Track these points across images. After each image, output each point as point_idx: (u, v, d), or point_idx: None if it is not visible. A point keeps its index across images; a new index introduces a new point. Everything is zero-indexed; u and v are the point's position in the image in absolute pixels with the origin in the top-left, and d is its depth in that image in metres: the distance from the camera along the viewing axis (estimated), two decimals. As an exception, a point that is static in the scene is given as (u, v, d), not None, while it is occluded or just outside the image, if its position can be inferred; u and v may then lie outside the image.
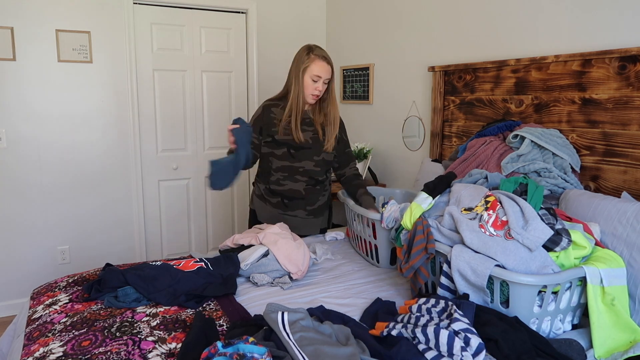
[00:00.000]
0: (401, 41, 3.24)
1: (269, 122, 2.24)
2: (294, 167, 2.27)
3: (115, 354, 1.32)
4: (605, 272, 1.42)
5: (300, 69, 2.16)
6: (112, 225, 3.46)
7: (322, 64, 2.16)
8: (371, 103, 3.57)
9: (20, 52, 3.04)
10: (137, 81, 3.42)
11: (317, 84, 2.17)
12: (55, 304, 1.66)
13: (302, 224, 2.38)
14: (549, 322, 1.45)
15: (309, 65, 2.15)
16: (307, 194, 2.32)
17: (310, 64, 2.15)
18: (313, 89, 2.18)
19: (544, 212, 1.54)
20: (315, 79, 2.16)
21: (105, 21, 3.24)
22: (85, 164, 3.32)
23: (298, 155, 2.26)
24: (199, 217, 3.81)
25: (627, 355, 1.34)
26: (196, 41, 3.60)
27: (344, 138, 2.40)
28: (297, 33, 3.96)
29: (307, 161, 2.27)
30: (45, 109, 3.16)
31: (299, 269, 1.87)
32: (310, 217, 2.38)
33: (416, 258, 1.62)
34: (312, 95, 2.19)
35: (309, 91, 2.18)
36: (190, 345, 1.30)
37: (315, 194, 2.35)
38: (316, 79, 2.16)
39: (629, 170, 1.97)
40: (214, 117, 3.75)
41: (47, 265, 3.28)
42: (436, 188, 1.80)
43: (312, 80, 2.16)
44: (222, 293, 1.71)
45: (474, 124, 2.65)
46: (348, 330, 1.32)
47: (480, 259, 1.45)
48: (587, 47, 2.11)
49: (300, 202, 2.33)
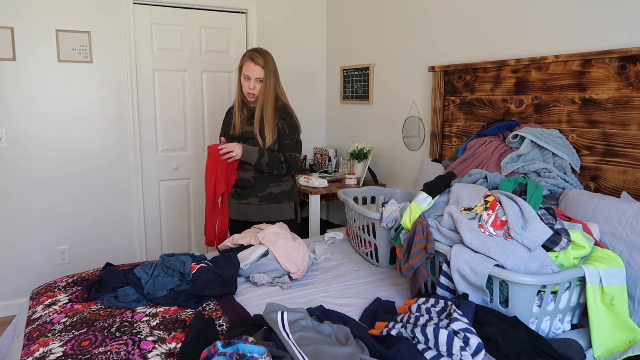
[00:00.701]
0: (401, 41, 3.24)
1: (228, 123, 2.52)
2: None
3: (115, 354, 1.32)
4: (604, 272, 1.42)
5: (238, 69, 2.42)
6: (112, 225, 3.46)
7: (250, 64, 2.35)
8: (371, 103, 3.57)
9: (20, 52, 3.04)
10: (137, 81, 3.42)
11: (250, 83, 2.36)
12: (55, 304, 1.67)
13: (255, 210, 2.48)
14: (548, 321, 1.45)
15: (242, 65, 2.38)
16: (256, 182, 2.45)
17: (242, 64, 2.38)
18: (247, 87, 2.37)
19: (544, 212, 1.54)
20: (246, 77, 2.36)
21: (105, 21, 3.24)
22: (85, 164, 3.32)
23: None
24: (199, 217, 3.81)
25: (626, 355, 1.34)
26: (196, 41, 3.60)
27: (286, 130, 2.43)
28: (297, 33, 3.96)
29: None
30: (46, 109, 3.16)
31: (299, 269, 1.87)
32: (263, 204, 2.47)
33: (416, 258, 1.62)
34: (247, 93, 2.39)
35: (245, 90, 2.39)
36: (190, 345, 1.30)
37: (264, 181, 2.46)
38: (247, 77, 2.36)
39: (629, 170, 1.97)
40: (214, 117, 3.75)
41: (46, 265, 3.29)
42: (436, 188, 1.81)
43: (245, 79, 2.37)
44: (222, 293, 1.71)
45: (474, 124, 2.65)
46: (348, 330, 1.33)
47: (479, 258, 1.45)
48: (587, 47, 2.11)
49: (251, 190, 2.46)
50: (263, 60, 2.34)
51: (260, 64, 2.34)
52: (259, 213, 2.48)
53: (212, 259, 1.91)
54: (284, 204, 2.48)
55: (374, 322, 1.48)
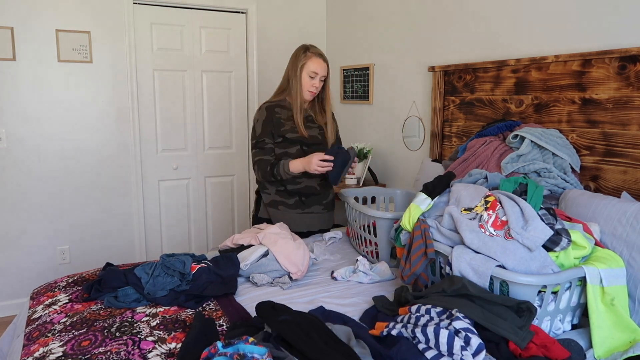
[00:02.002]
0: (401, 41, 3.24)
1: (277, 123, 2.28)
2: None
3: (115, 354, 1.32)
4: (605, 272, 1.42)
5: (297, 67, 2.23)
6: (112, 225, 3.46)
7: (319, 60, 2.23)
8: (371, 103, 3.57)
9: (20, 52, 3.04)
10: (137, 81, 3.42)
11: (314, 81, 2.24)
12: (55, 304, 1.66)
13: (318, 219, 2.41)
14: (549, 322, 1.45)
15: (305, 63, 2.22)
16: (321, 189, 2.37)
17: (307, 61, 2.22)
18: (310, 85, 2.24)
19: (544, 212, 1.54)
20: (313, 75, 2.23)
21: (105, 21, 3.24)
22: (85, 164, 3.32)
23: (310, 151, 2.29)
24: (199, 217, 3.81)
25: (627, 355, 1.34)
26: (196, 41, 3.60)
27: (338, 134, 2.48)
28: (297, 33, 3.96)
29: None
30: (45, 109, 3.16)
31: (299, 269, 1.87)
32: (325, 212, 2.43)
33: (417, 265, 1.62)
34: (309, 91, 2.26)
35: (307, 88, 2.25)
36: (190, 345, 1.30)
37: (327, 188, 2.42)
38: (313, 76, 2.23)
39: (629, 170, 1.97)
40: (214, 117, 3.75)
41: (46, 265, 3.28)
42: (435, 189, 1.80)
43: (310, 77, 2.23)
44: (222, 293, 1.71)
45: (474, 124, 2.65)
46: (349, 329, 1.32)
47: (481, 259, 1.45)
48: (587, 47, 2.11)
49: (316, 197, 2.37)
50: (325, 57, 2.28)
51: (327, 61, 2.27)
52: (321, 222, 2.42)
53: (212, 259, 1.90)
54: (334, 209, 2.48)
55: (375, 322, 1.48)
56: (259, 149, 2.28)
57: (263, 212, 2.42)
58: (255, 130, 2.30)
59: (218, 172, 3.83)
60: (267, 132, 2.27)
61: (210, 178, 3.82)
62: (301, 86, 2.25)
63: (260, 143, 2.28)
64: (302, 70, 2.23)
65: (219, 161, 3.82)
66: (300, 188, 2.32)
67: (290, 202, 2.33)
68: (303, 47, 2.27)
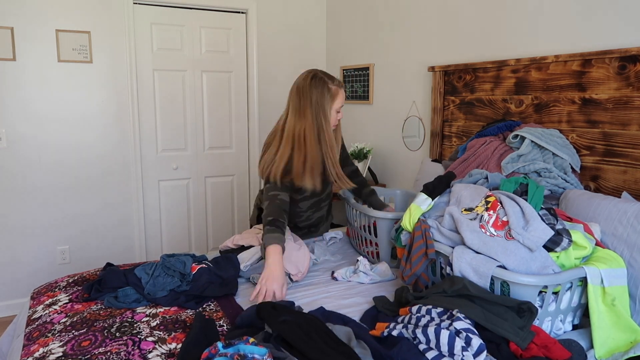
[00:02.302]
0: (401, 41, 3.24)
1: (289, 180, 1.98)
2: (320, 199, 2.21)
3: (115, 354, 1.32)
4: (605, 273, 1.42)
5: (327, 108, 1.90)
6: (112, 225, 3.46)
7: (342, 92, 1.97)
8: (371, 103, 3.57)
9: (20, 52, 3.04)
10: (137, 81, 3.42)
11: (340, 114, 1.99)
12: (55, 304, 1.66)
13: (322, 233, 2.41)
14: (550, 322, 1.45)
15: (334, 101, 1.93)
16: (328, 213, 2.36)
17: (335, 95, 1.93)
18: (335, 121, 1.97)
19: (545, 212, 1.54)
20: (339, 109, 1.97)
21: (105, 21, 3.24)
22: (85, 164, 3.32)
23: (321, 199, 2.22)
24: (199, 217, 3.81)
25: (628, 356, 1.34)
26: (196, 41, 3.59)
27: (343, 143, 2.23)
28: (297, 33, 3.95)
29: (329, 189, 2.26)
30: (45, 109, 3.16)
31: (299, 270, 1.87)
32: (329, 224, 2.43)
33: (417, 265, 1.62)
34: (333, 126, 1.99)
35: (334, 123, 1.98)
36: (190, 345, 1.30)
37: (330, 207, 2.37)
38: (339, 110, 1.97)
39: (629, 170, 1.96)
40: (214, 117, 3.74)
41: (47, 265, 3.28)
42: (435, 189, 1.80)
43: (336, 111, 1.96)
44: (222, 293, 1.71)
45: (474, 124, 2.65)
46: (349, 330, 1.32)
47: (482, 259, 1.45)
48: (587, 47, 2.11)
49: (325, 224, 2.38)
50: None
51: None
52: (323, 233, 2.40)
53: (213, 259, 1.90)
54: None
55: (375, 322, 1.48)
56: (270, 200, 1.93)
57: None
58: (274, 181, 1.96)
59: (218, 172, 3.82)
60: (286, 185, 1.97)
61: (210, 178, 3.81)
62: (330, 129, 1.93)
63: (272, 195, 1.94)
64: (330, 103, 1.91)
65: (219, 161, 3.82)
66: (311, 223, 2.26)
67: (300, 233, 2.28)
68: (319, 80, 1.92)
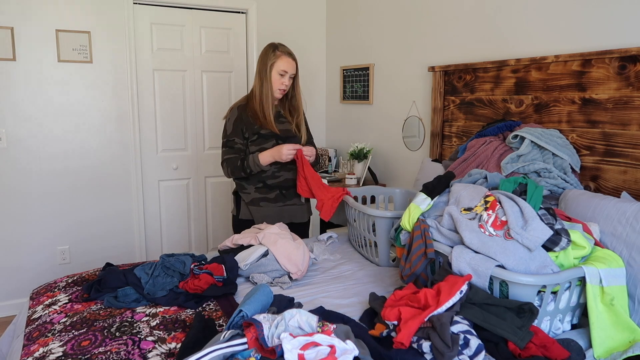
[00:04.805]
0: (401, 41, 3.24)
1: (248, 121, 2.32)
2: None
3: (115, 354, 1.32)
4: (604, 272, 1.42)
5: (267, 66, 2.27)
6: (112, 225, 3.46)
7: (288, 59, 2.28)
8: (371, 103, 3.57)
9: (20, 52, 3.04)
10: (137, 81, 3.42)
11: (284, 79, 2.29)
12: (55, 304, 1.67)
13: (299, 211, 2.45)
14: (549, 322, 1.45)
15: (275, 62, 2.27)
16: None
17: (276, 60, 2.27)
18: (280, 83, 2.29)
19: (544, 212, 1.54)
20: (282, 73, 2.28)
21: (105, 21, 3.24)
22: (85, 164, 3.32)
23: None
24: (199, 217, 3.81)
25: (626, 355, 1.34)
26: (196, 41, 3.60)
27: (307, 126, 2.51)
28: (297, 33, 3.96)
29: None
30: (46, 109, 3.16)
31: (299, 269, 1.87)
32: (305, 202, 2.47)
33: (417, 265, 1.62)
34: (279, 90, 2.31)
35: (276, 86, 2.30)
36: (189, 345, 1.30)
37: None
38: (283, 74, 2.28)
39: (629, 170, 1.96)
40: (214, 117, 3.75)
41: (47, 265, 3.29)
42: (435, 189, 1.80)
43: (279, 75, 2.28)
44: (222, 293, 1.71)
45: (474, 124, 2.65)
46: (348, 328, 1.32)
47: (481, 259, 1.45)
48: (587, 47, 2.11)
49: (295, 189, 2.40)
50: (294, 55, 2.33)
51: (296, 59, 2.32)
52: (303, 213, 2.46)
53: (212, 259, 1.91)
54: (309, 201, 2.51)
55: (374, 322, 1.48)
56: (228, 148, 2.34)
57: (245, 212, 2.41)
58: (226, 130, 2.35)
59: (218, 172, 3.82)
60: (238, 131, 2.32)
61: (210, 178, 3.82)
62: (271, 84, 2.29)
63: (230, 142, 2.33)
64: (272, 69, 2.27)
65: (219, 161, 3.82)
66: (280, 182, 2.36)
67: (271, 197, 2.37)
68: (272, 45, 2.31)
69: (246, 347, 1.14)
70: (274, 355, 1.08)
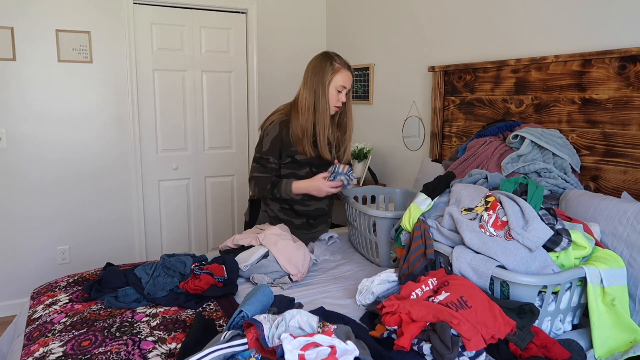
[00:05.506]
0: (401, 41, 3.24)
1: (287, 142, 2.11)
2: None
3: (115, 354, 1.32)
4: (605, 272, 1.42)
5: (325, 82, 2.03)
6: (112, 225, 3.46)
7: (347, 73, 2.08)
8: (371, 103, 3.57)
9: (20, 52, 3.04)
10: (137, 81, 3.42)
11: (341, 95, 2.09)
12: (55, 304, 1.66)
13: (320, 234, 2.36)
14: (549, 322, 1.45)
15: (334, 77, 2.05)
16: (329, 209, 2.32)
17: (335, 75, 2.05)
18: (336, 100, 2.08)
19: (544, 212, 1.54)
20: (340, 89, 2.08)
21: (105, 21, 3.24)
22: (85, 164, 3.32)
23: (319, 172, 2.16)
24: (199, 217, 3.81)
25: (628, 356, 1.34)
26: (196, 41, 3.60)
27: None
28: (297, 33, 3.95)
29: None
30: (45, 109, 3.16)
31: (299, 271, 1.87)
32: (327, 227, 2.40)
33: (415, 265, 1.62)
34: (335, 107, 2.10)
35: (333, 103, 2.08)
36: (190, 345, 1.30)
37: (332, 207, 2.35)
38: (341, 90, 2.08)
39: (629, 170, 1.96)
40: (214, 117, 3.75)
41: (47, 265, 3.28)
42: (435, 189, 1.80)
43: (337, 91, 2.07)
44: (222, 293, 1.71)
45: (474, 124, 2.65)
46: (348, 328, 1.32)
47: (481, 259, 1.45)
48: (587, 47, 2.11)
49: (324, 218, 2.31)
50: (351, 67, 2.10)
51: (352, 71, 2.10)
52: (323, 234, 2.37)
53: (213, 259, 1.90)
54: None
55: (375, 323, 1.48)
56: (260, 165, 2.13)
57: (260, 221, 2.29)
58: (262, 145, 2.13)
59: (218, 172, 3.82)
60: (275, 150, 2.11)
61: (210, 178, 3.82)
62: (328, 102, 2.06)
63: (263, 160, 2.13)
64: (330, 85, 2.04)
65: (219, 161, 3.82)
66: (309, 211, 2.22)
67: (296, 223, 2.23)
68: (327, 57, 2.06)
69: (246, 348, 1.14)
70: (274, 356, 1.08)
